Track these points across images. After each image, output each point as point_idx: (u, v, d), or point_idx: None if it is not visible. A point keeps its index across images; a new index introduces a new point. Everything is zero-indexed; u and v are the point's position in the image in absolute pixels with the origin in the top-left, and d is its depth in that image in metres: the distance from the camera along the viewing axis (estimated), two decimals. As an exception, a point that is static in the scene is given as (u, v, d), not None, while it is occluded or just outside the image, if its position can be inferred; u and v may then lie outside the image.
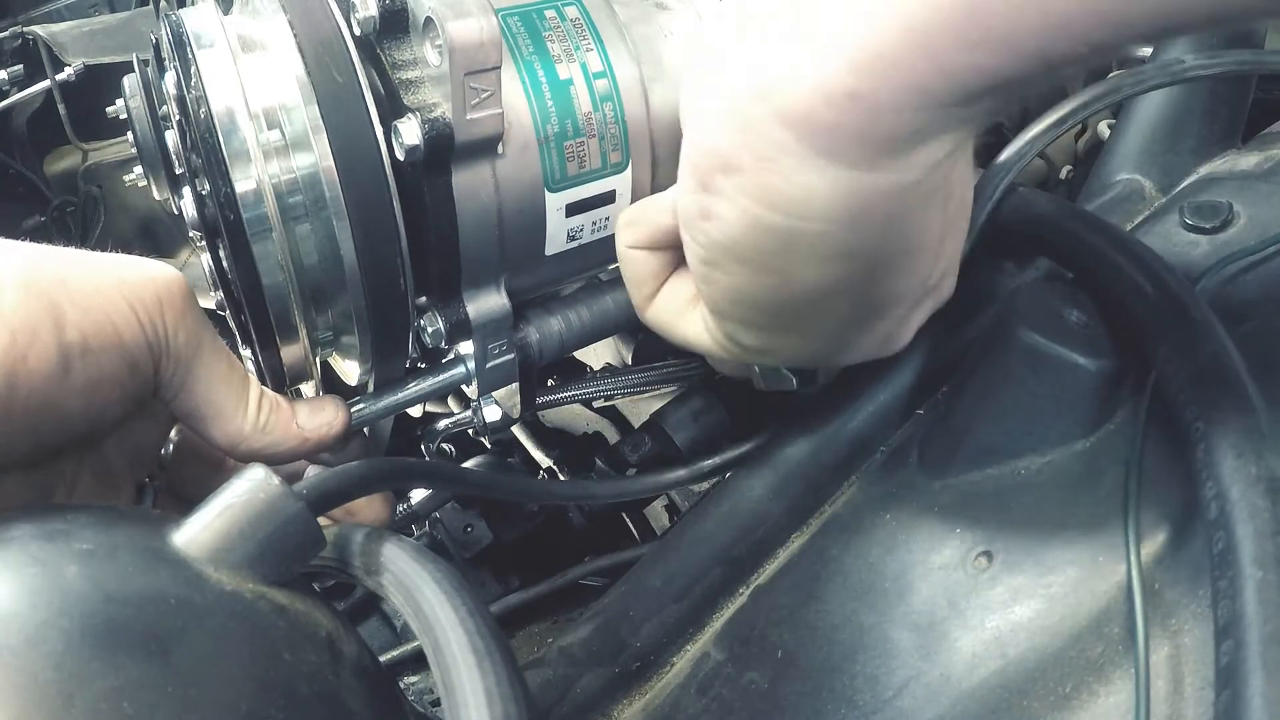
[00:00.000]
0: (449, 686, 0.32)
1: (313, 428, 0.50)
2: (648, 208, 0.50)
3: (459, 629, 0.34)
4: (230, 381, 0.47)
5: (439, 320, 0.51)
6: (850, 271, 0.42)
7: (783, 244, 0.41)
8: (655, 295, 0.52)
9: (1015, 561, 0.44)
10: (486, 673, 0.32)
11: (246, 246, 0.45)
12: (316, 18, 0.46)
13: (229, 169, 0.44)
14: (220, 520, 0.35)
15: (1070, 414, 0.46)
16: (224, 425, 0.47)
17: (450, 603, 0.35)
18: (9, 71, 1.26)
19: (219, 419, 0.47)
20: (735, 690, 0.49)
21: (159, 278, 0.45)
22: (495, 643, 0.33)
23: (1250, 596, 0.33)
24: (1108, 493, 0.43)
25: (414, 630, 0.35)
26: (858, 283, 0.43)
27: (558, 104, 0.50)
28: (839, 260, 0.42)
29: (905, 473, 0.52)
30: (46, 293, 0.40)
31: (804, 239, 0.40)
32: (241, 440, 0.48)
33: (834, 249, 0.41)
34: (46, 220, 1.36)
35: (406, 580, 0.36)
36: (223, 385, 0.47)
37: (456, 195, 0.47)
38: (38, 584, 0.30)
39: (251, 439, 0.48)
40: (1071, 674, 0.39)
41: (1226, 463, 0.37)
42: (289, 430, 0.49)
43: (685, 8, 0.55)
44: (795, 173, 0.38)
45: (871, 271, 0.43)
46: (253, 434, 0.48)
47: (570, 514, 0.79)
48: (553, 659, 0.54)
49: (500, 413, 0.60)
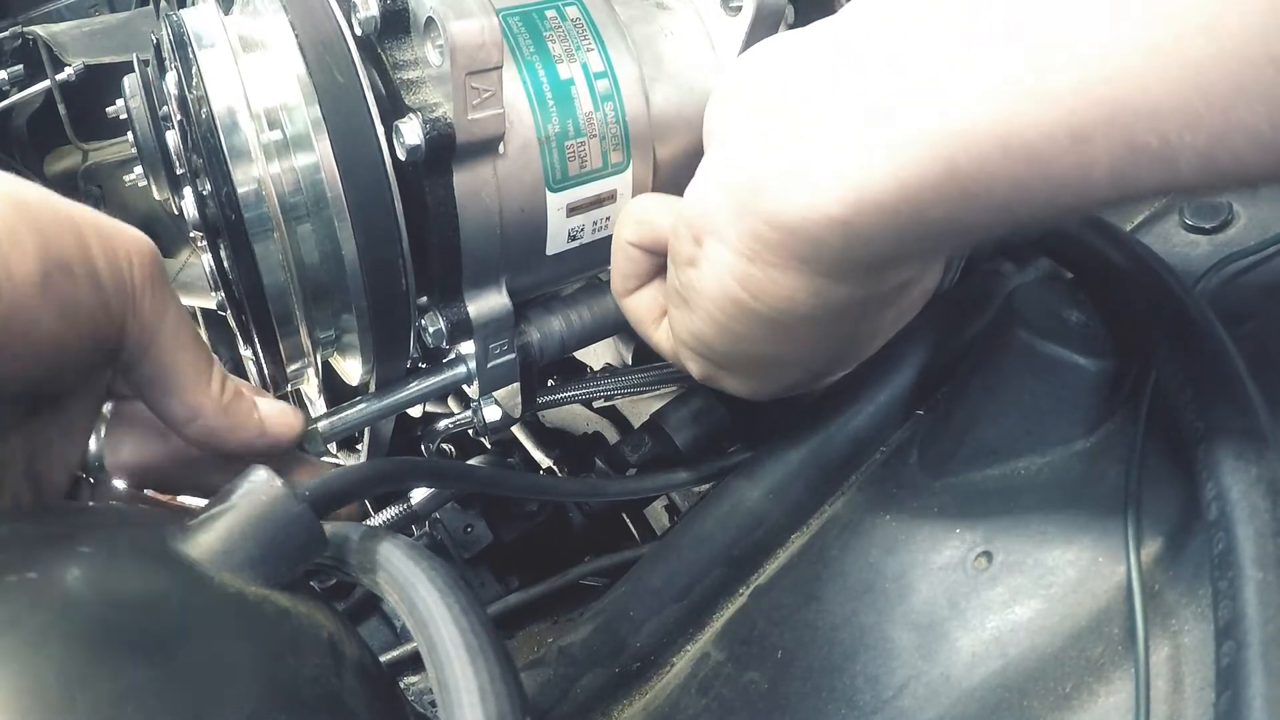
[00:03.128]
0: (443, 684, 0.32)
1: (272, 423, 0.48)
2: (655, 213, 0.51)
3: (452, 627, 0.33)
4: (196, 354, 0.45)
5: (440, 320, 0.51)
6: (804, 349, 0.47)
7: (749, 317, 0.44)
8: (635, 292, 0.54)
9: (1015, 561, 0.44)
10: (480, 670, 0.32)
11: (248, 246, 0.45)
12: (317, 17, 0.46)
13: (230, 169, 0.44)
14: (223, 522, 0.35)
15: (1070, 414, 0.46)
16: (184, 397, 0.45)
17: (444, 601, 0.35)
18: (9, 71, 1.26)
19: (180, 390, 0.45)
20: (735, 690, 0.49)
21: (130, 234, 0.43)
22: (489, 641, 0.33)
23: (1251, 597, 0.33)
24: (1108, 493, 0.43)
25: (409, 628, 0.35)
26: (807, 355, 0.48)
27: (559, 104, 0.50)
28: (796, 341, 0.46)
29: (905, 473, 0.52)
30: (31, 209, 0.39)
31: (769, 320, 0.44)
32: (199, 415, 0.45)
33: (795, 334, 0.45)
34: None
35: (401, 578, 0.36)
36: (188, 355, 0.45)
37: (458, 195, 0.47)
38: (40, 586, 0.30)
39: (211, 417, 0.45)
40: (1071, 674, 0.39)
41: (1227, 463, 0.37)
42: (249, 418, 0.47)
43: (685, 8, 0.55)
44: (774, 268, 0.41)
45: (825, 348, 0.48)
46: (213, 412, 0.45)
47: (570, 514, 0.79)
48: (553, 659, 0.54)
49: (500, 413, 0.60)
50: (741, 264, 0.42)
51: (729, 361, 0.49)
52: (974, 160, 0.33)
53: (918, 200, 0.36)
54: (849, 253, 0.39)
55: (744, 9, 0.51)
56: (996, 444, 0.48)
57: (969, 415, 0.50)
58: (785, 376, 0.51)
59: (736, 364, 0.49)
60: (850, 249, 0.39)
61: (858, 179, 0.36)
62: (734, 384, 0.52)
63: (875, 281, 0.43)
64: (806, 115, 0.39)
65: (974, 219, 0.36)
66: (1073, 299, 0.49)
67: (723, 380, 0.52)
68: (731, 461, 0.59)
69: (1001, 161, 0.33)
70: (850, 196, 0.37)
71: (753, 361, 0.48)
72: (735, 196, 0.41)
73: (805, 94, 0.40)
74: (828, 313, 0.43)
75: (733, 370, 0.50)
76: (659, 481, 0.63)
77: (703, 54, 0.54)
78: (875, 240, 0.38)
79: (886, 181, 0.36)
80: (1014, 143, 0.32)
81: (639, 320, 0.54)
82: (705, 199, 0.44)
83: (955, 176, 0.34)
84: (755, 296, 0.43)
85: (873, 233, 0.38)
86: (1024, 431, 0.47)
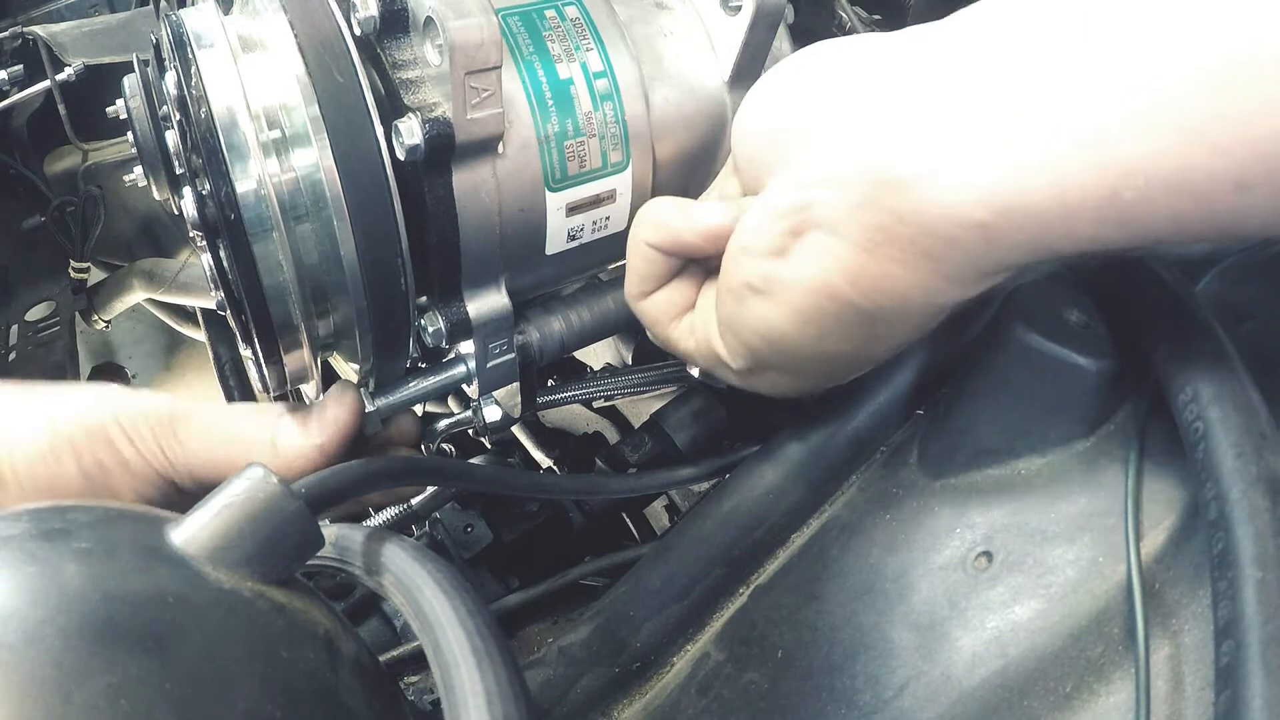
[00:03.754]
0: (449, 686, 0.32)
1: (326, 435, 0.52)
2: (675, 217, 0.49)
3: (459, 629, 0.33)
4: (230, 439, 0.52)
5: (439, 320, 0.51)
6: (879, 347, 0.46)
7: (844, 312, 0.42)
8: (652, 294, 0.52)
9: (1015, 561, 0.44)
10: (486, 673, 0.32)
11: (247, 246, 0.45)
12: (316, 17, 0.46)
13: (229, 169, 0.44)
14: (219, 519, 0.35)
15: (1070, 414, 0.46)
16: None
17: (450, 603, 0.35)
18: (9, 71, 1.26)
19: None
20: (735, 690, 0.48)
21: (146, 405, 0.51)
22: (495, 643, 0.33)
23: (1250, 597, 0.33)
24: (1108, 493, 0.43)
25: (414, 630, 0.35)
26: (876, 353, 0.47)
27: (558, 103, 0.50)
28: (877, 340, 0.44)
29: (905, 473, 0.52)
30: (64, 430, 0.49)
31: (865, 316, 0.42)
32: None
33: (881, 332, 0.43)
34: (46, 220, 1.36)
35: (407, 580, 0.36)
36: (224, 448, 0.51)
37: (457, 194, 0.47)
38: (36, 582, 0.30)
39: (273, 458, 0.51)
40: (1072, 674, 0.39)
41: (1227, 463, 0.37)
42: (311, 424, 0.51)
43: (685, 8, 0.55)
44: (895, 264, 0.39)
45: (894, 346, 0.47)
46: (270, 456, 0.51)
47: (570, 514, 0.78)
48: (553, 659, 0.54)
49: (500, 412, 0.60)
50: (857, 257, 0.40)
51: (788, 359, 0.47)
52: (1137, 192, 0.33)
53: (1071, 218, 0.35)
54: (983, 256, 0.38)
55: (744, 8, 0.51)
56: (996, 444, 0.48)
57: (969, 415, 0.49)
58: (836, 373, 0.49)
59: (794, 361, 0.47)
60: (985, 253, 0.38)
61: (1011, 184, 0.35)
62: (775, 382, 0.50)
63: (988, 285, 0.41)
64: (940, 111, 0.37)
65: (1119, 240, 0.36)
66: (1073, 299, 0.49)
67: (763, 378, 0.50)
68: (733, 459, 0.59)
69: (1162, 196, 0.33)
70: (1000, 202, 0.35)
71: (818, 359, 0.46)
72: (857, 189, 0.39)
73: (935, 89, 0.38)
74: (929, 312, 0.42)
75: (783, 367, 0.48)
76: (660, 479, 0.63)
77: (702, 54, 0.54)
78: (1013, 248, 0.37)
79: (1042, 194, 0.35)
80: (1181, 182, 0.32)
81: (656, 320, 0.53)
82: (810, 190, 0.41)
83: (1115, 203, 0.34)
84: (863, 292, 0.41)
85: (1014, 240, 0.37)
86: (1024, 431, 0.47)
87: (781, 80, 0.45)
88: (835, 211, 0.40)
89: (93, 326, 1.55)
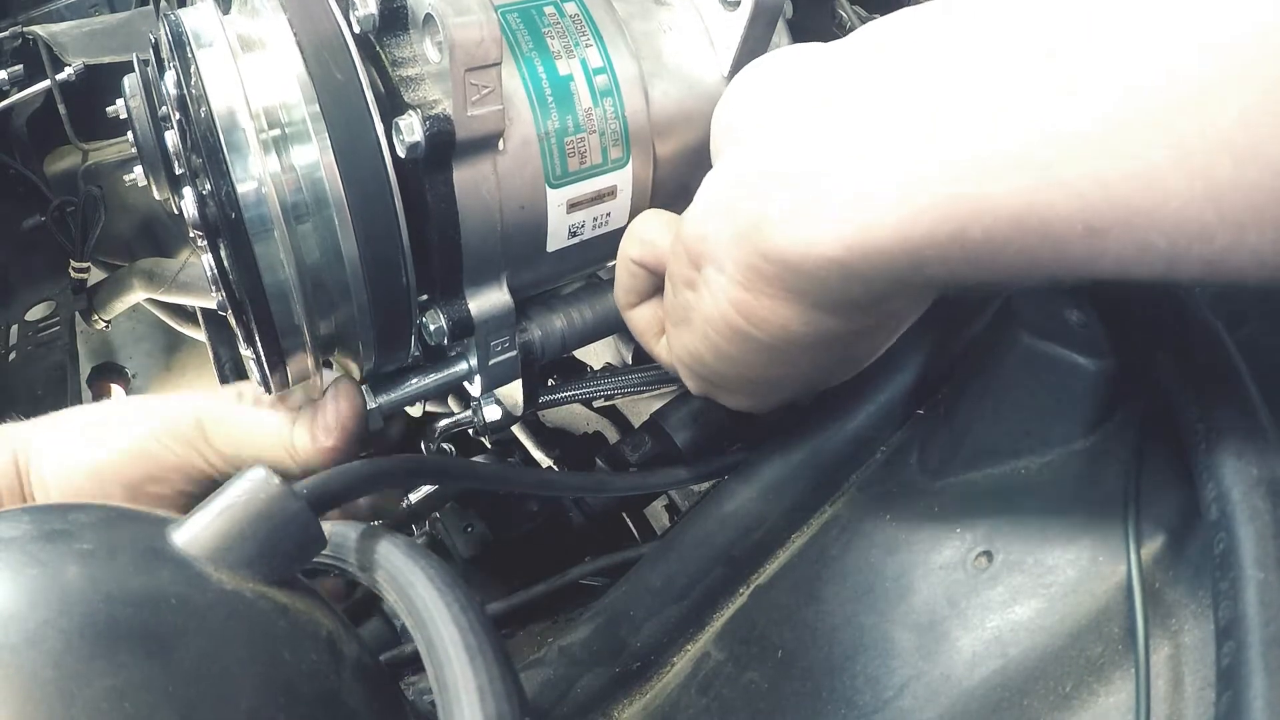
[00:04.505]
0: (442, 684, 0.32)
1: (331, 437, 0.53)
2: (657, 233, 0.51)
3: (451, 626, 0.33)
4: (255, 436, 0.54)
5: (441, 318, 0.51)
6: (799, 371, 0.47)
7: (745, 342, 0.44)
8: (637, 306, 0.54)
9: (1015, 561, 0.44)
10: (479, 670, 0.32)
11: (248, 246, 0.45)
12: (316, 16, 0.46)
13: (230, 168, 0.43)
14: (220, 520, 0.35)
15: (1070, 414, 0.46)
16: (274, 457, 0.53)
17: (443, 600, 0.35)
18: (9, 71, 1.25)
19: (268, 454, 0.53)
20: (735, 690, 0.48)
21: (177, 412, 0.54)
22: (488, 639, 0.33)
23: (1251, 598, 0.33)
24: (1108, 493, 0.43)
25: (408, 627, 0.35)
26: (801, 376, 0.48)
27: (558, 100, 0.50)
28: (790, 364, 0.46)
29: (905, 473, 0.52)
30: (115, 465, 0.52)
31: (765, 345, 0.44)
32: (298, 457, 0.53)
33: (789, 358, 0.45)
34: (46, 220, 1.35)
35: (400, 577, 0.36)
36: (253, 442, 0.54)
37: (458, 192, 0.47)
38: (38, 583, 0.30)
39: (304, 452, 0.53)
40: (1072, 673, 0.39)
41: (1228, 464, 0.37)
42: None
43: (684, 4, 0.55)
44: (769, 299, 0.41)
45: (819, 369, 0.48)
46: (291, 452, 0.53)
47: (570, 514, 0.78)
48: (553, 659, 0.54)
49: (501, 412, 0.60)
50: (738, 292, 0.42)
51: (725, 380, 0.50)
52: (984, 230, 0.33)
53: (919, 255, 0.35)
54: (845, 290, 0.39)
55: (742, 4, 0.51)
56: (996, 444, 0.48)
57: (969, 415, 0.49)
58: (779, 394, 0.52)
59: (732, 383, 0.50)
60: (846, 287, 0.39)
61: (859, 223, 0.36)
62: (730, 400, 0.53)
63: (870, 315, 0.43)
64: (811, 142, 0.39)
65: (972, 276, 0.36)
66: (1073, 299, 0.49)
67: (719, 396, 0.53)
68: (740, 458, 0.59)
69: (1010, 235, 0.33)
70: (850, 240, 0.36)
71: (748, 382, 0.49)
72: (735, 226, 0.41)
73: (811, 117, 0.40)
74: (822, 340, 0.43)
75: (728, 388, 0.51)
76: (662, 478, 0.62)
77: (702, 50, 0.54)
78: (872, 281, 0.38)
79: (888, 232, 0.35)
80: (1030, 223, 0.32)
81: (640, 333, 0.55)
82: (705, 223, 0.43)
83: (961, 240, 0.34)
84: (752, 323, 0.43)
85: (870, 275, 0.37)
86: (1024, 431, 0.47)
87: (744, 78, 0.47)
88: (720, 246, 0.42)
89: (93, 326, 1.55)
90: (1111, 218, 0.31)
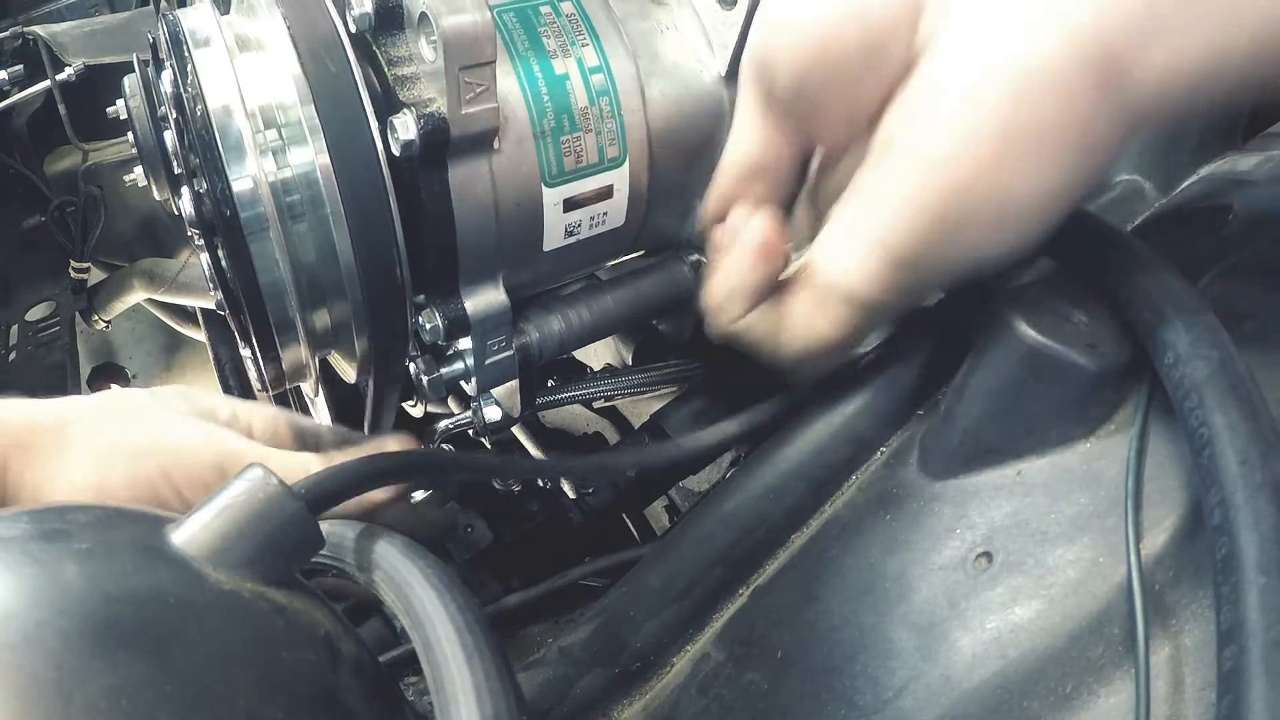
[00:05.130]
0: (439, 683, 0.32)
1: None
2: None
3: (448, 626, 0.33)
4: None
5: (437, 317, 0.51)
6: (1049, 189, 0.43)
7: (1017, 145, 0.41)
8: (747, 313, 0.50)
9: (1015, 561, 0.44)
10: (476, 669, 0.32)
11: (244, 244, 0.45)
12: (312, 15, 0.46)
13: (226, 167, 0.43)
14: (219, 519, 0.35)
15: (1070, 414, 0.46)
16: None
17: (440, 599, 0.35)
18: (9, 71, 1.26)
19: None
20: (735, 690, 0.48)
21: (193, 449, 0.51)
22: (485, 640, 0.33)
23: (1253, 603, 0.33)
24: (1108, 493, 0.43)
25: (405, 626, 0.35)
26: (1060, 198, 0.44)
27: (554, 99, 0.50)
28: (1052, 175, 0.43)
29: (905, 473, 0.52)
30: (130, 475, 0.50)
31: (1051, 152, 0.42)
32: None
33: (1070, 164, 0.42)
34: (47, 220, 1.36)
35: (397, 577, 0.36)
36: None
37: (453, 190, 0.47)
38: (37, 583, 0.30)
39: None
40: (1072, 674, 0.39)
41: (1231, 469, 0.37)
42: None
43: (681, 3, 0.55)
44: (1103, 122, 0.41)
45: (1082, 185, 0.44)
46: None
47: (570, 514, 0.78)
48: (553, 659, 0.54)
49: (500, 412, 0.60)
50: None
51: (951, 225, 0.44)
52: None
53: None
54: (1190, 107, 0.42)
55: (739, 3, 0.51)
56: (996, 444, 0.48)
57: (969, 415, 0.49)
58: (1011, 234, 0.45)
59: (967, 217, 0.43)
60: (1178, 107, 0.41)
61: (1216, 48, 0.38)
62: (933, 268, 0.47)
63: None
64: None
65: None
66: (1073, 299, 0.49)
67: (920, 273, 0.47)
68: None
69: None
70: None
71: (990, 215, 0.43)
72: (1080, 76, 0.39)
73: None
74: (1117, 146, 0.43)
75: (947, 242, 0.45)
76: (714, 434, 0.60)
77: (699, 49, 0.54)
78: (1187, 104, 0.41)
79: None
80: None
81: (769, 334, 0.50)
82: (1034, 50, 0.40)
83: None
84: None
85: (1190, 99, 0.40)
86: (1024, 431, 0.47)
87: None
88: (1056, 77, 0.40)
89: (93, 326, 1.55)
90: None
